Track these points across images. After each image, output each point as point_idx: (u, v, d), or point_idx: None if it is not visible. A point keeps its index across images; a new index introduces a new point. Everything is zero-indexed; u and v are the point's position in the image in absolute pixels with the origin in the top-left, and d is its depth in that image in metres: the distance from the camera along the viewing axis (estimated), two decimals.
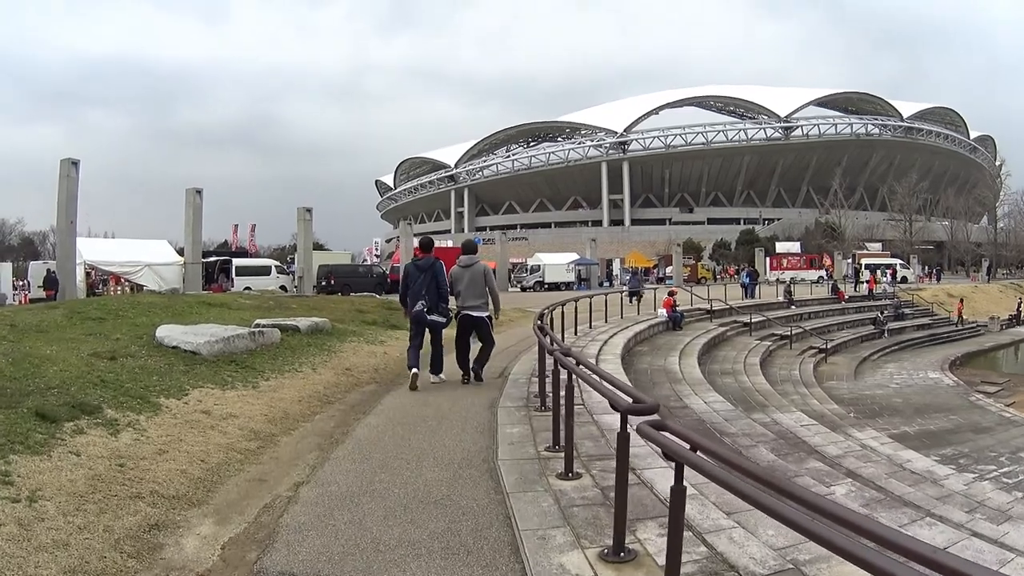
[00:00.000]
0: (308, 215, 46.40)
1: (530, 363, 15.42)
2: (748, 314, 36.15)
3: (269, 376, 12.88)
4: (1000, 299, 70.03)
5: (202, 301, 23.74)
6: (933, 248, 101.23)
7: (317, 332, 17.79)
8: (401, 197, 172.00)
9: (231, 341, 14.03)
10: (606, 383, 6.32)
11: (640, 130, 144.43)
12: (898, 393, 30.57)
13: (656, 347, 25.16)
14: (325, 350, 16.17)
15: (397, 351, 17.40)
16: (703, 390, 17.80)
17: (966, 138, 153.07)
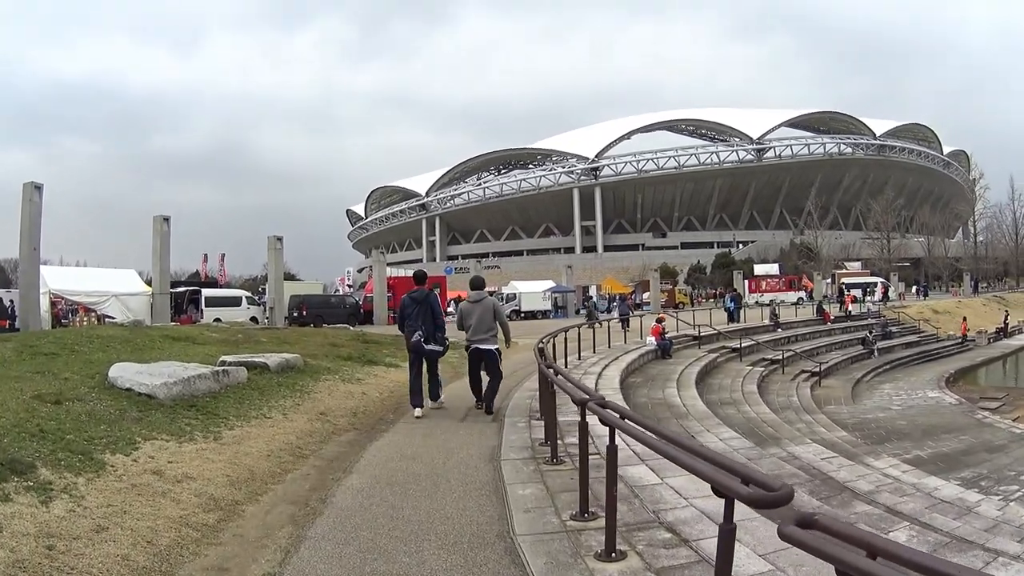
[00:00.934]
0: (279, 244, 45.45)
1: (524, 400, 14.54)
2: (737, 339, 35.26)
3: (234, 424, 11.26)
4: (985, 313, 70.37)
5: (166, 335, 21.97)
6: (910, 265, 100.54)
7: (288, 370, 16.14)
8: (372, 226, 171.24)
9: (191, 382, 12.41)
10: (698, 458, 4.64)
11: (612, 155, 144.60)
12: (901, 415, 29.66)
13: (650, 377, 23.91)
14: (297, 391, 14.53)
15: (376, 390, 16.11)
16: (713, 425, 16.41)
17: (939, 153, 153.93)
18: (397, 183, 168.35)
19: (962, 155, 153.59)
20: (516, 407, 13.88)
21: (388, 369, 19.70)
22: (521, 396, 15.09)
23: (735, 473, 4.10)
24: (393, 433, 11.75)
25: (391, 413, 13.85)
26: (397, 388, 16.70)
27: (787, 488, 3.73)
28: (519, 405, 14.16)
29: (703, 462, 4.41)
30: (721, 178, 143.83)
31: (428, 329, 13.55)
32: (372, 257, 63.35)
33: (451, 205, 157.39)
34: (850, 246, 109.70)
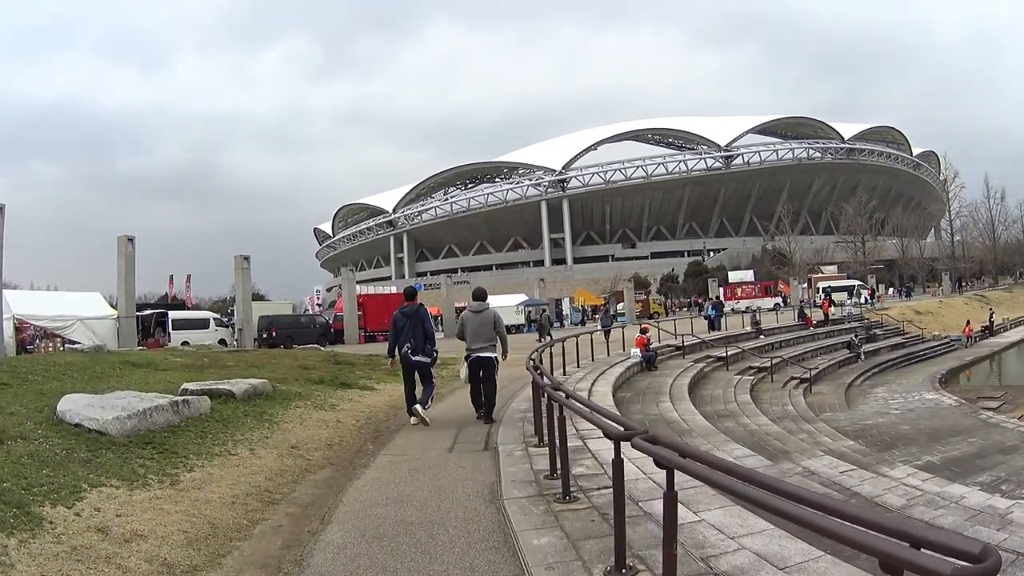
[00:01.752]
0: (246, 263, 44.28)
1: (514, 422, 13.53)
2: (721, 347, 34.54)
3: (194, 463, 9.87)
4: (968, 311, 69.89)
5: (127, 360, 20.37)
6: (884, 267, 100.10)
7: (255, 397, 14.79)
8: (340, 244, 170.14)
9: (148, 415, 11.06)
10: (844, 521, 3.18)
11: (579, 167, 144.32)
12: (902, 419, 28.55)
13: (639, 391, 22.74)
14: (265, 421, 13.14)
15: (352, 417, 14.85)
16: (720, 441, 15.16)
17: (909, 155, 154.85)
18: (364, 200, 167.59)
19: (932, 156, 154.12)
20: (508, 432, 12.59)
21: (363, 392, 18.40)
22: (510, 418, 13.91)
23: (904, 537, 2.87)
24: (375, 469, 10.38)
25: (370, 443, 12.58)
26: (374, 414, 15.54)
27: (995, 556, 2.56)
28: (510, 429, 12.90)
29: (852, 526, 3.05)
30: (690, 186, 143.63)
31: (418, 342, 14.07)
32: (341, 275, 62.03)
33: (418, 221, 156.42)
34: (823, 250, 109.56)
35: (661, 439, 5.06)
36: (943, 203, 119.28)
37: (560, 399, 8.08)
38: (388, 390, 19.14)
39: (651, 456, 4.91)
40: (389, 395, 18.36)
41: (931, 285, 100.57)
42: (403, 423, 14.44)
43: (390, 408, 16.62)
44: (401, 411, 15.17)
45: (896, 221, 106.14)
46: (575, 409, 7.68)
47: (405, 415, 14.56)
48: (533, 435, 11.69)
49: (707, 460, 4.50)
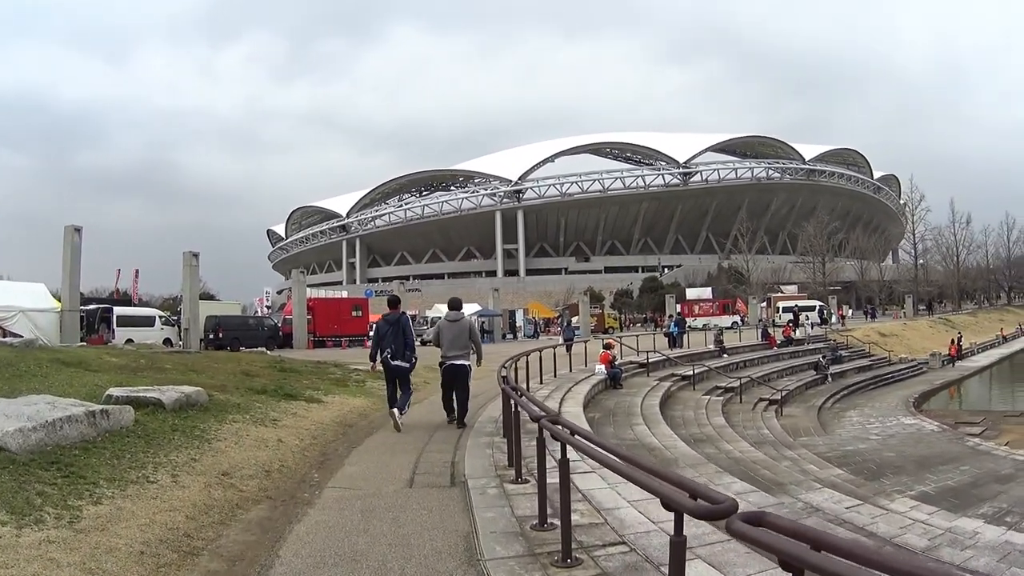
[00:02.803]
0: (195, 260, 42.98)
1: (481, 448, 12.03)
2: (687, 366, 33.38)
3: (103, 492, 8.07)
4: (932, 335, 70.81)
5: (57, 358, 18.40)
6: (841, 289, 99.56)
7: (188, 408, 13.02)
8: (293, 247, 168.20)
9: (58, 427, 9.32)
10: None
11: (535, 178, 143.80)
12: (884, 445, 27.79)
13: (609, 412, 21.28)
14: (196, 438, 11.27)
15: (295, 436, 13.00)
16: (712, 473, 13.58)
17: (870, 178, 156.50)
18: (318, 203, 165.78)
19: (893, 179, 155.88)
20: (476, 460, 10.93)
21: (309, 406, 16.49)
22: (477, 441, 12.42)
23: None
24: (321, 508, 8.50)
25: (316, 470, 10.79)
26: (321, 432, 13.80)
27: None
28: (479, 456, 11.27)
29: None
30: (646, 202, 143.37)
31: (398, 347, 14.60)
32: (292, 277, 60.00)
33: (372, 227, 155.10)
34: (780, 269, 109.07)
35: (778, 521, 3.40)
36: (902, 226, 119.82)
37: (568, 438, 6.32)
38: (337, 403, 17.53)
39: (761, 547, 3.31)
40: (338, 409, 16.74)
41: (891, 308, 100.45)
42: (353, 444, 12.90)
43: (338, 425, 14.97)
44: (351, 429, 14.74)
45: (856, 243, 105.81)
46: (601, 460, 5.71)
47: (355, 434, 14.12)
48: (507, 466, 10.17)
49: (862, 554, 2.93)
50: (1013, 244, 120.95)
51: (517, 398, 8.94)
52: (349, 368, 25.13)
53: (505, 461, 10.50)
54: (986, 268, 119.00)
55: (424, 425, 14.72)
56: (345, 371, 24.38)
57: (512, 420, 9.46)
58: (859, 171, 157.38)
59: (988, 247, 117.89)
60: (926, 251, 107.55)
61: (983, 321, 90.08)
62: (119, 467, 9.08)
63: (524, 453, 9.44)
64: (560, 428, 6.64)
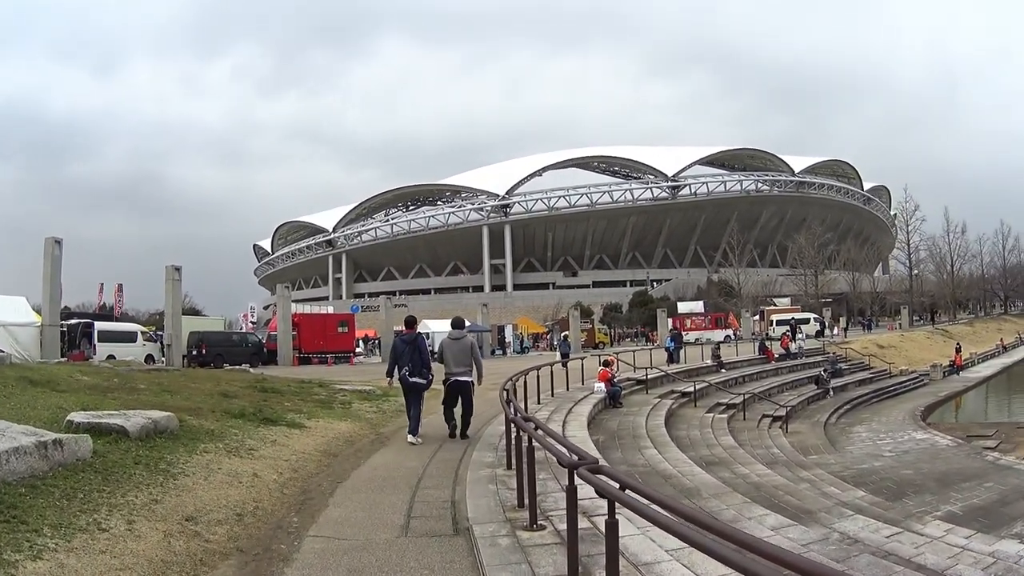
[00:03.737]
0: (177, 274, 41.77)
1: (484, 490, 10.20)
2: (686, 382, 32.42)
3: (45, 543, 6.74)
4: (930, 346, 70.04)
5: (25, 376, 16.95)
6: (833, 301, 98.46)
7: (155, 436, 11.64)
8: (279, 262, 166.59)
9: (3, 460, 8.05)
10: None
11: (522, 192, 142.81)
12: (900, 462, 26.77)
13: (613, 434, 20.03)
14: (160, 473, 9.88)
15: (273, 470, 11.63)
16: (739, 504, 12.12)
17: (860, 190, 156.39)
18: (305, 218, 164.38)
19: (883, 191, 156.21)
20: (479, 498, 9.56)
21: (290, 432, 15.07)
22: (477, 478, 10.94)
23: None
24: (300, 567, 7.01)
25: (295, 513, 9.40)
26: (302, 464, 12.41)
27: None
28: (482, 493, 9.91)
29: None
30: (635, 216, 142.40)
31: (415, 365, 15.11)
32: (277, 293, 58.73)
33: (358, 242, 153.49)
34: (771, 282, 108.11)
35: None
36: (893, 237, 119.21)
37: (620, 496, 4.74)
38: (321, 428, 16.15)
39: None
40: (322, 435, 15.39)
41: (883, 319, 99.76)
42: (338, 478, 11.53)
43: (322, 455, 13.56)
44: (335, 460, 13.39)
45: (847, 255, 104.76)
46: (680, 533, 4.06)
47: (340, 465, 12.83)
48: (516, 507, 8.83)
49: None
50: (1008, 253, 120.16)
51: (533, 432, 7.64)
52: (334, 388, 23.84)
53: (513, 499, 9.16)
54: (981, 277, 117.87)
55: (417, 451, 13.60)
56: (330, 391, 23.10)
57: (524, 454, 8.12)
58: (849, 182, 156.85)
59: (983, 256, 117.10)
60: (920, 261, 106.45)
61: (980, 331, 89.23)
62: (68, 510, 7.74)
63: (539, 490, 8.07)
64: (605, 481, 5.12)
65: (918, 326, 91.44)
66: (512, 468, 10.80)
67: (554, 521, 8.01)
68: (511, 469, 10.87)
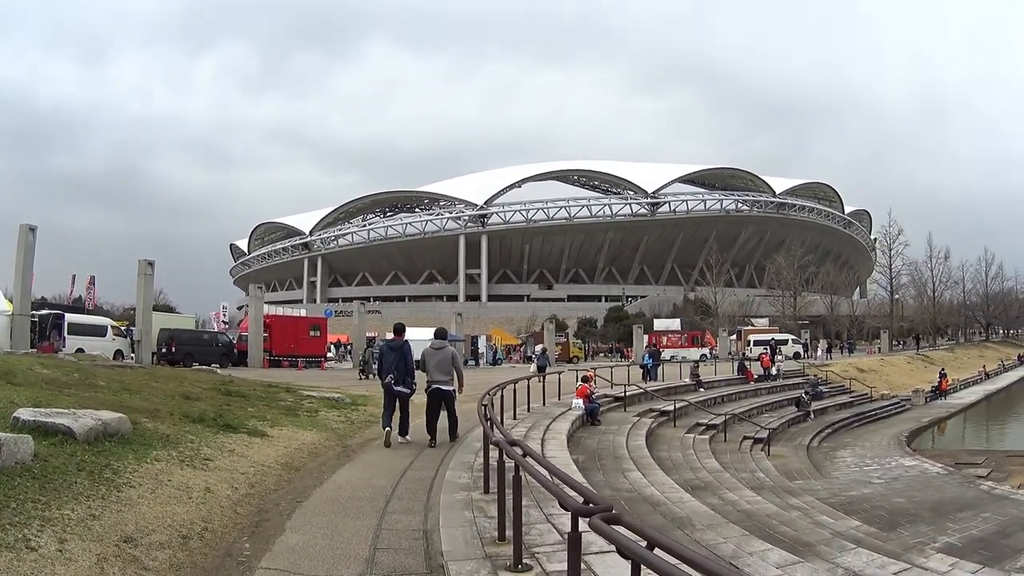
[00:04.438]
0: (149, 269, 40.67)
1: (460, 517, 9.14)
2: (664, 400, 31.48)
3: None
4: (911, 371, 70.06)
5: None
6: (810, 323, 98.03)
7: (105, 439, 10.64)
8: (254, 263, 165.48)
9: None
10: None
11: (501, 203, 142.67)
12: (890, 490, 26.27)
13: (593, 454, 19.12)
14: (104, 482, 8.89)
15: (228, 483, 10.68)
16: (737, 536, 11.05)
17: (841, 213, 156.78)
18: (282, 220, 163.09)
19: (864, 214, 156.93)
20: (455, 530, 8.52)
21: (251, 440, 14.00)
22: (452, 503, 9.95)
23: None
24: None
25: (247, 538, 8.41)
26: (261, 478, 11.48)
27: None
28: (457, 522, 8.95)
29: None
30: (612, 231, 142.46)
31: (400, 373, 15.56)
32: (250, 292, 57.66)
33: (334, 246, 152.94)
34: (748, 302, 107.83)
35: None
36: (872, 261, 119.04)
37: (646, 556, 3.73)
38: (284, 438, 15.15)
39: None
40: (284, 445, 14.38)
41: (861, 342, 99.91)
42: (299, 496, 10.56)
43: (283, 468, 12.59)
44: (297, 474, 12.45)
45: (826, 278, 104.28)
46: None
47: (302, 481, 11.83)
48: (497, 540, 7.89)
49: None
50: (991, 280, 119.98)
51: (522, 460, 6.70)
52: (302, 394, 22.77)
53: (492, 530, 8.23)
54: (962, 304, 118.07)
55: (386, 468, 12.63)
56: (297, 398, 22.06)
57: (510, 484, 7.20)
58: (830, 205, 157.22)
59: (965, 283, 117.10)
60: (901, 286, 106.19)
61: (962, 357, 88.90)
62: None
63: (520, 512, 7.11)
64: (627, 536, 4.06)
65: (897, 351, 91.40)
66: (490, 492, 9.96)
67: (541, 560, 7.08)
68: (488, 493, 10.04)
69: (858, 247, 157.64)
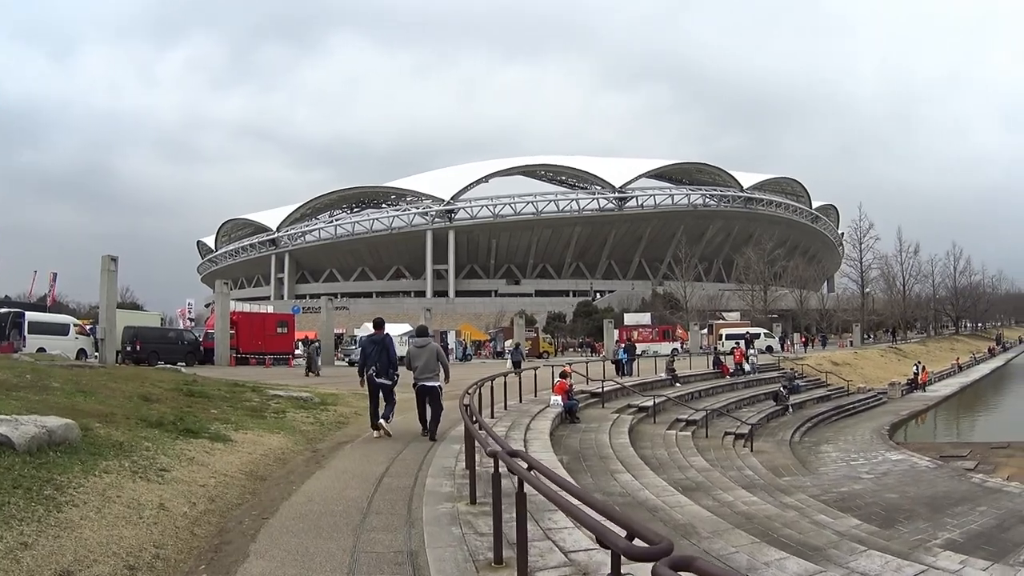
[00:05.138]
0: (113, 265, 39.29)
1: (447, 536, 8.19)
2: (642, 396, 31.30)
3: None
4: (885, 364, 70.35)
5: None
6: (778, 317, 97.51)
7: (49, 448, 9.58)
8: (222, 260, 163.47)
9: None
10: None
11: (468, 198, 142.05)
12: (882, 485, 25.57)
13: (576, 454, 18.38)
14: (43, 500, 7.83)
15: (186, 498, 9.56)
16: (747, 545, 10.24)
17: (808, 208, 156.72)
18: (249, 216, 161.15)
19: (831, 209, 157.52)
20: (443, 552, 7.52)
21: (213, 447, 12.81)
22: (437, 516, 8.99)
23: None
24: None
25: (204, 565, 7.28)
26: (222, 491, 10.36)
27: None
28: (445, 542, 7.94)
29: None
30: (580, 226, 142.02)
31: (382, 366, 15.80)
32: (216, 289, 56.30)
33: (301, 242, 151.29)
34: (717, 297, 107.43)
35: None
36: (839, 256, 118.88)
37: None
38: (249, 442, 14.04)
39: None
40: (249, 452, 13.25)
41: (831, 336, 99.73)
42: (265, 512, 9.43)
43: (247, 478, 11.47)
44: (263, 484, 11.29)
45: (796, 272, 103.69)
46: None
47: (268, 493, 10.69)
48: (493, 564, 6.87)
49: None
50: (960, 274, 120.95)
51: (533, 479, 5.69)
52: (268, 394, 21.60)
53: (485, 549, 7.27)
54: (931, 298, 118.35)
55: (360, 476, 11.54)
56: (264, 397, 20.90)
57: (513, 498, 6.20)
58: (798, 200, 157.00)
59: (935, 277, 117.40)
60: (871, 280, 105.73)
61: (934, 350, 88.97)
62: None
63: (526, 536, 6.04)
64: None
65: (868, 344, 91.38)
66: (477, 503, 9.08)
67: None
68: (476, 504, 9.15)
69: (826, 241, 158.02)
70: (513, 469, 6.14)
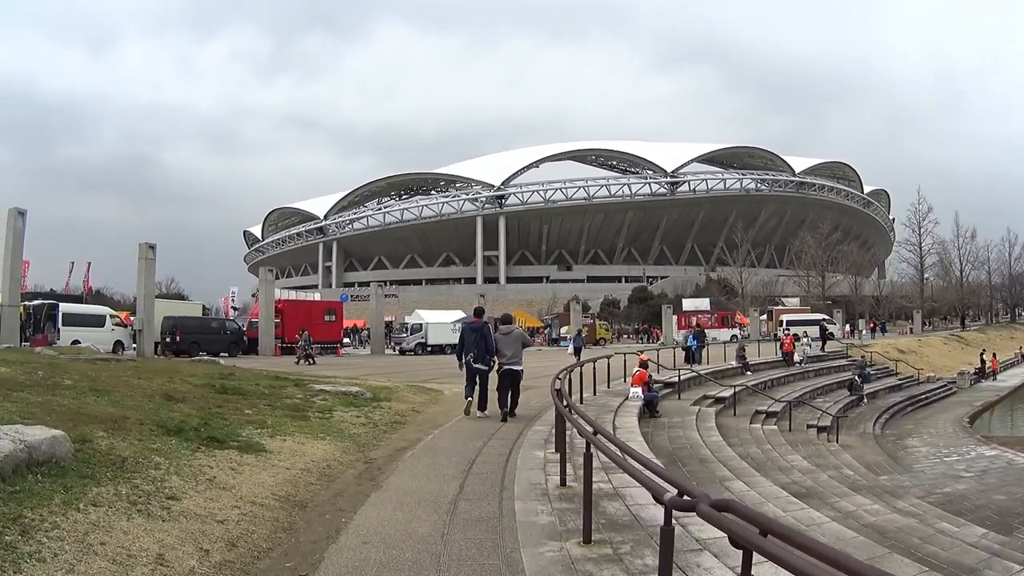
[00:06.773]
0: (151, 253, 37.83)
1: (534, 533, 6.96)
2: (723, 387, 29.34)
3: None
4: (949, 352, 68.77)
5: None
6: (832, 303, 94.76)
7: (30, 470, 7.38)
8: (268, 249, 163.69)
9: None
10: None
11: (518, 184, 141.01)
12: (985, 485, 23.55)
13: (672, 456, 16.20)
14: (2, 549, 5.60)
15: (196, 543, 6.89)
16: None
17: (860, 192, 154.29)
18: (296, 205, 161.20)
19: (883, 194, 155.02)
20: (537, 559, 5.17)
21: (241, 460, 10.16)
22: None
23: None
24: None
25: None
26: (246, 529, 7.66)
27: None
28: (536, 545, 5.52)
29: None
30: (632, 211, 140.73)
31: (479, 352, 16.80)
32: (260, 276, 54.54)
33: (349, 230, 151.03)
34: (771, 283, 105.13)
35: None
36: (890, 242, 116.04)
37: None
38: (287, 453, 11.35)
39: None
40: (287, 466, 10.59)
41: (897, 322, 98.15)
42: (303, 562, 6.80)
43: (283, 505, 8.83)
44: (303, 514, 8.59)
45: (851, 257, 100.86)
46: None
47: (309, 530, 7.96)
48: None
49: None
50: (1015, 261, 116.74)
51: None
52: (313, 388, 18.85)
53: None
54: (988, 284, 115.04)
55: (428, 499, 9.07)
56: (307, 393, 18.13)
57: None
58: (849, 185, 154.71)
59: (990, 263, 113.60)
60: (929, 266, 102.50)
61: (995, 339, 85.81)
62: None
63: None
64: None
65: (928, 332, 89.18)
66: (592, 543, 6.60)
67: None
68: (590, 545, 6.66)
69: (877, 227, 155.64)
70: None
